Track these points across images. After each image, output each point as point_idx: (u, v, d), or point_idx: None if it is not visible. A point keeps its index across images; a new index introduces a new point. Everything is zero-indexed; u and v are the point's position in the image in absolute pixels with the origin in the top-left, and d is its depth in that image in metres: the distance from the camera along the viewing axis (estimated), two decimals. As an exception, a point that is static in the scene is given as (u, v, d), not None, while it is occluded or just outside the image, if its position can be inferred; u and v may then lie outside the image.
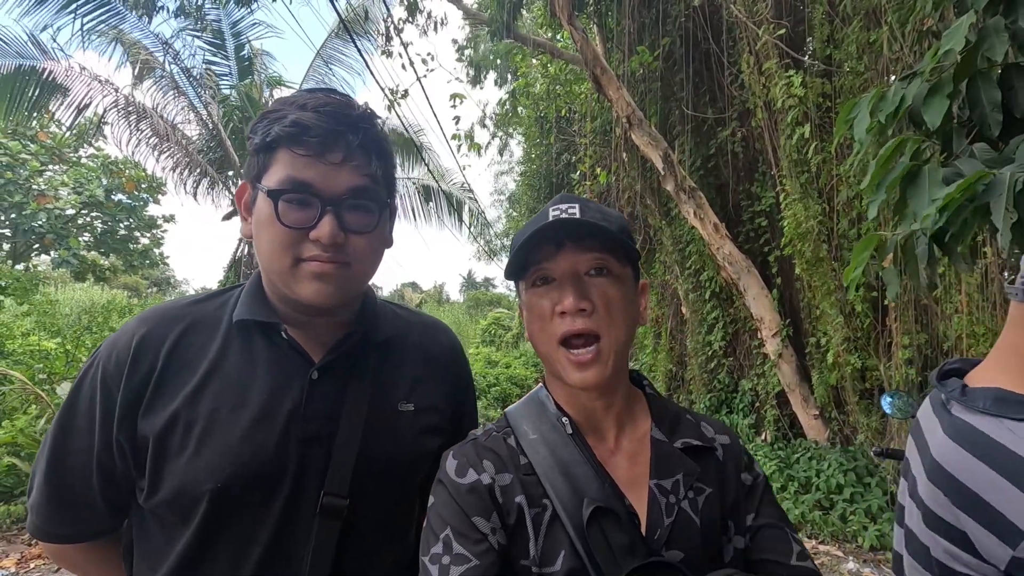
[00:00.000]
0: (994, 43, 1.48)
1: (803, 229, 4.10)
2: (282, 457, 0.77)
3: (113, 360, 0.78)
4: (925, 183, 1.46)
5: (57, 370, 5.09)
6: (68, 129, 9.89)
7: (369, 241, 0.81)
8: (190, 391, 0.77)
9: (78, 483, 0.79)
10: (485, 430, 0.80)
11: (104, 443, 0.77)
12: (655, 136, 5.37)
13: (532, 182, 11.81)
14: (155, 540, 0.79)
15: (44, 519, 0.82)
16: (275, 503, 0.76)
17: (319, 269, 0.76)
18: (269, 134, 0.75)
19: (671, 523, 0.70)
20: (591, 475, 0.71)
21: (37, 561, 3.84)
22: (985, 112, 1.51)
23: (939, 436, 0.64)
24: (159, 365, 0.78)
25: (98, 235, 19.97)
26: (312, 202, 0.75)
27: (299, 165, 0.75)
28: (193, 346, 0.81)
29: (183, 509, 0.75)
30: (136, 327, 0.81)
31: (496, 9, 6.11)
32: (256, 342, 0.82)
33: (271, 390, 0.79)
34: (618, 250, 0.73)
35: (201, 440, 0.75)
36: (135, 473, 0.78)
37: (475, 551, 0.66)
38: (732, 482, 0.77)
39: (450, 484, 0.72)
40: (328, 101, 0.77)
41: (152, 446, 0.75)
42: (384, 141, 0.83)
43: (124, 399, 0.76)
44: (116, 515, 0.83)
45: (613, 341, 0.71)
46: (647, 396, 0.83)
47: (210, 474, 0.74)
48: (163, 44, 8.46)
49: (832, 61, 4.28)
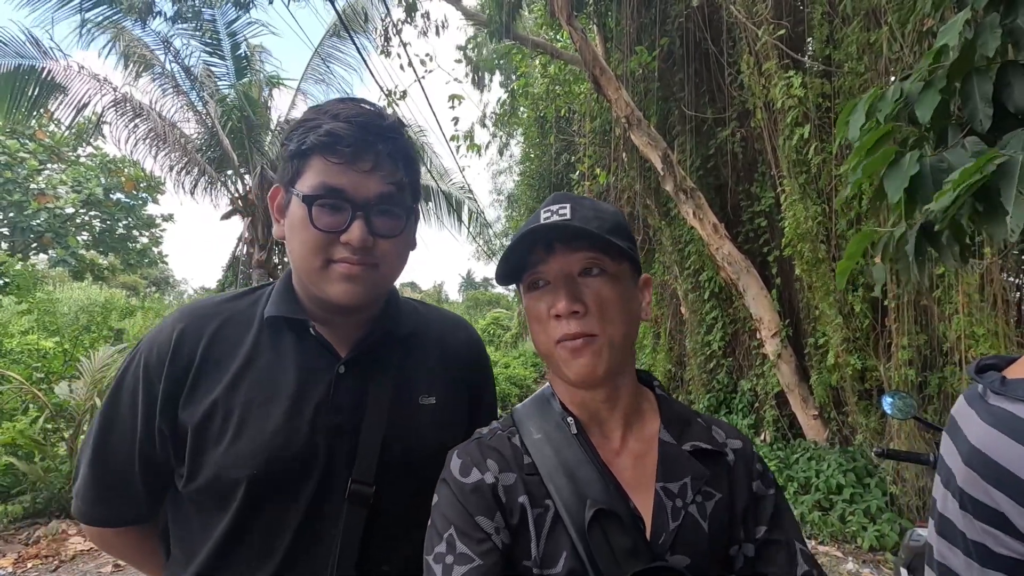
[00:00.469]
0: (987, 39, 1.48)
1: (802, 230, 4.10)
2: (312, 446, 0.81)
3: (155, 353, 0.83)
4: (904, 166, 1.45)
5: (55, 369, 5.08)
6: (67, 128, 9.86)
7: (395, 244, 0.85)
8: (226, 383, 0.82)
9: (121, 470, 0.84)
10: (490, 429, 0.80)
11: (146, 432, 0.82)
12: (654, 136, 5.37)
13: (531, 182, 11.81)
14: (192, 525, 0.83)
15: (88, 504, 0.86)
16: (306, 489, 0.81)
17: (348, 271, 0.81)
18: (304, 142, 0.79)
19: (677, 527, 0.68)
20: (594, 476, 0.70)
21: (34, 560, 3.83)
22: (976, 107, 1.51)
23: (976, 424, 0.65)
24: (197, 358, 0.83)
25: (96, 234, 19.97)
26: (343, 207, 0.80)
27: (332, 172, 0.79)
28: (228, 341, 0.86)
29: (220, 495, 0.79)
30: (175, 322, 0.86)
31: (495, 10, 6.11)
32: (286, 337, 0.87)
33: (300, 383, 0.84)
34: (611, 248, 0.71)
35: (237, 429, 0.80)
36: (175, 461, 0.83)
37: (478, 551, 0.66)
38: (743, 489, 0.75)
39: (454, 483, 0.72)
40: (360, 112, 0.82)
41: (191, 435, 0.80)
42: (410, 150, 0.87)
43: (165, 390, 0.81)
44: (155, 501, 0.88)
45: (609, 338, 0.70)
46: (657, 397, 0.82)
47: (246, 461, 0.78)
48: (163, 42, 8.45)
49: (832, 61, 4.28)
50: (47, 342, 6.01)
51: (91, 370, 4.83)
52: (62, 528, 4.24)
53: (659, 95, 6.24)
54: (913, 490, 3.84)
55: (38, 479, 4.42)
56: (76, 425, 4.63)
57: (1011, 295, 3.72)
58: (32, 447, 4.48)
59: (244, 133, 8.81)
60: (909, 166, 1.38)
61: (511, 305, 32.23)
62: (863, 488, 4.11)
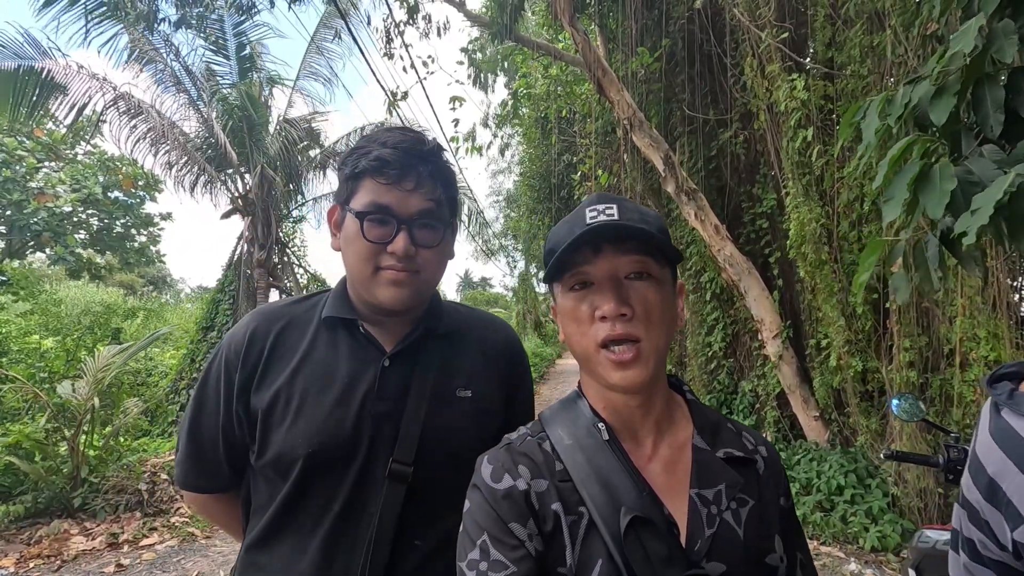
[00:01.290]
0: (1003, 45, 1.48)
1: (805, 232, 4.11)
2: (359, 429, 0.93)
3: (232, 348, 0.98)
4: (936, 179, 1.47)
5: (57, 369, 5.06)
6: (67, 128, 9.83)
7: (435, 253, 0.97)
8: (288, 373, 0.95)
9: (209, 445, 1.00)
10: (520, 434, 0.79)
11: (227, 414, 0.97)
12: (656, 138, 5.38)
13: (532, 182, 11.82)
14: (262, 494, 0.97)
15: (186, 472, 1.03)
16: (353, 467, 0.92)
17: (394, 276, 0.92)
18: (357, 166, 0.92)
19: (712, 534, 0.68)
20: (628, 483, 0.70)
21: (36, 560, 3.83)
22: (988, 113, 1.52)
23: (982, 432, 0.66)
24: (266, 352, 0.97)
25: (94, 232, 19.90)
26: (390, 221, 0.91)
27: (380, 192, 0.91)
28: (291, 338, 0.99)
29: (283, 469, 0.92)
30: (249, 323, 1.01)
31: (497, 11, 6.11)
32: (339, 335, 1.00)
33: (351, 374, 0.96)
34: (657, 252, 0.72)
35: (296, 413, 0.93)
36: (249, 439, 0.97)
37: (512, 557, 0.66)
38: (773, 498, 0.75)
39: (486, 489, 0.72)
40: (404, 139, 0.94)
41: (261, 417, 0.94)
42: (448, 171, 1.00)
43: (240, 379, 0.96)
44: (236, 473, 1.03)
45: (653, 345, 0.70)
46: (688, 402, 0.81)
47: (304, 440, 0.91)
48: (165, 40, 8.43)
49: (833, 64, 4.29)
50: (47, 341, 5.99)
51: (93, 369, 4.82)
52: (64, 528, 4.24)
53: (661, 96, 6.25)
54: (914, 491, 3.86)
55: (40, 479, 4.41)
56: (77, 425, 4.62)
57: (1011, 297, 3.74)
58: (34, 447, 4.47)
59: (245, 132, 8.79)
60: (943, 180, 1.40)
61: (509, 304, 32.24)
62: (864, 489, 4.13)
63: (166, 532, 4.40)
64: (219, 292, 9.15)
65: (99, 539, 4.15)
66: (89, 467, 4.68)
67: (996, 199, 1.16)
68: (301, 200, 10.59)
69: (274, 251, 9.41)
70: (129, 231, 20.95)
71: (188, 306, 15.82)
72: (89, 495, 4.55)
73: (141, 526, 4.40)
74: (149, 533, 4.35)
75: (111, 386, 5.19)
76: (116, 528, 4.33)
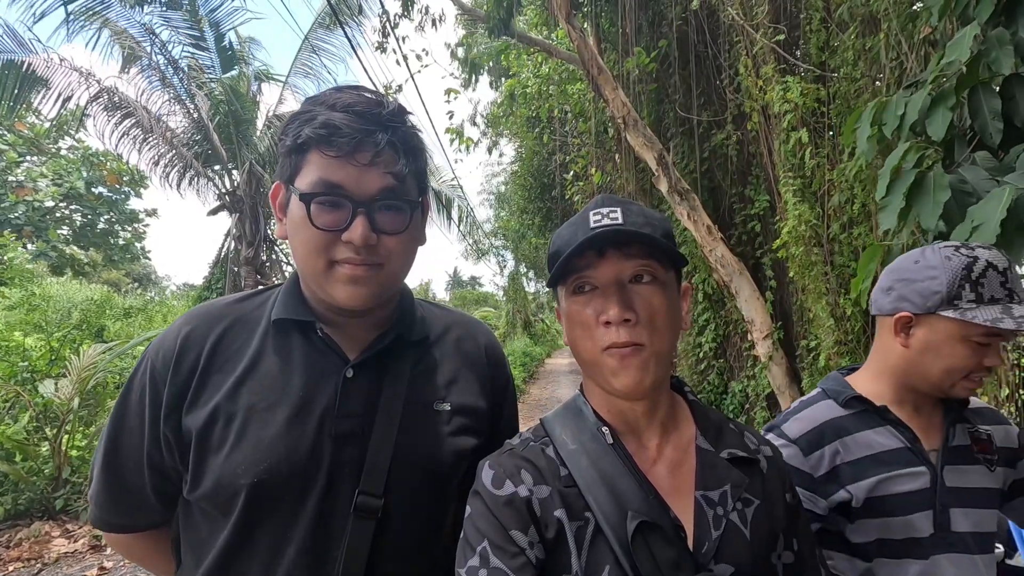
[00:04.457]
0: (999, 56, 1.49)
1: (796, 233, 4.14)
2: (317, 454, 0.77)
3: (160, 357, 0.81)
4: (930, 189, 1.48)
5: (40, 367, 4.95)
6: (49, 122, 9.62)
7: (401, 241, 0.80)
8: (229, 387, 0.79)
9: (131, 476, 0.82)
10: (522, 439, 0.78)
11: (153, 437, 0.80)
12: (650, 137, 5.39)
13: (523, 181, 11.81)
14: (200, 531, 0.80)
15: (102, 510, 0.86)
16: (309, 500, 0.76)
17: (352, 272, 0.77)
18: (300, 136, 0.75)
19: (719, 536, 0.68)
20: (634, 487, 0.69)
21: (16, 564, 3.74)
22: (986, 121, 1.53)
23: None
24: (202, 362, 0.80)
25: (77, 228, 19.56)
26: (343, 204, 0.75)
27: (330, 167, 0.74)
28: (234, 344, 0.82)
29: (223, 502, 0.76)
30: (181, 325, 0.83)
31: (493, 6, 6.07)
32: (293, 340, 0.83)
33: (306, 387, 0.80)
34: (662, 255, 0.71)
35: (239, 435, 0.76)
36: (181, 467, 0.80)
37: (512, 565, 0.65)
38: (778, 497, 0.75)
39: (487, 495, 0.71)
40: (357, 100, 0.77)
41: (195, 440, 0.77)
42: (415, 138, 0.82)
43: (170, 394, 0.79)
44: (166, 507, 0.86)
45: (657, 350, 0.69)
46: (689, 403, 0.81)
47: (247, 468, 0.75)
48: (149, 33, 8.28)
49: (827, 67, 4.32)
50: (29, 340, 5.86)
51: (77, 368, 4.72)
52: (45, 530, 4.15)
53: (654, 96, 6.26)
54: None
55: (20, 480, 4.31)
56: (60, 424, 4.53)
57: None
58: (15, 447, 4.37)
59: (232, 127, 8.67)
60: (936, 190, 1.40)
61: (499, 304, 32.20)
62: (853, 489, 4.17)
63: (151, 534, 4.33)
64: (206, 290, 9.06)
65: (81, 541, 4.07)
66: (72, 468, 4.59)
67: (1000, 217, 1.17)
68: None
69: (262, 248, 9.31)
70: (113, 227, 20.63)
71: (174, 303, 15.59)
72: (71, 496, 4.45)
73: (125, 528, 4.33)
74: (133, 535, 4.28)
75: (96, 386, 5.09)
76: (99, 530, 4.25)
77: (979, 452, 1.03)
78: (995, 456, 1.04)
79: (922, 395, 1.05)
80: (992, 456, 1.03)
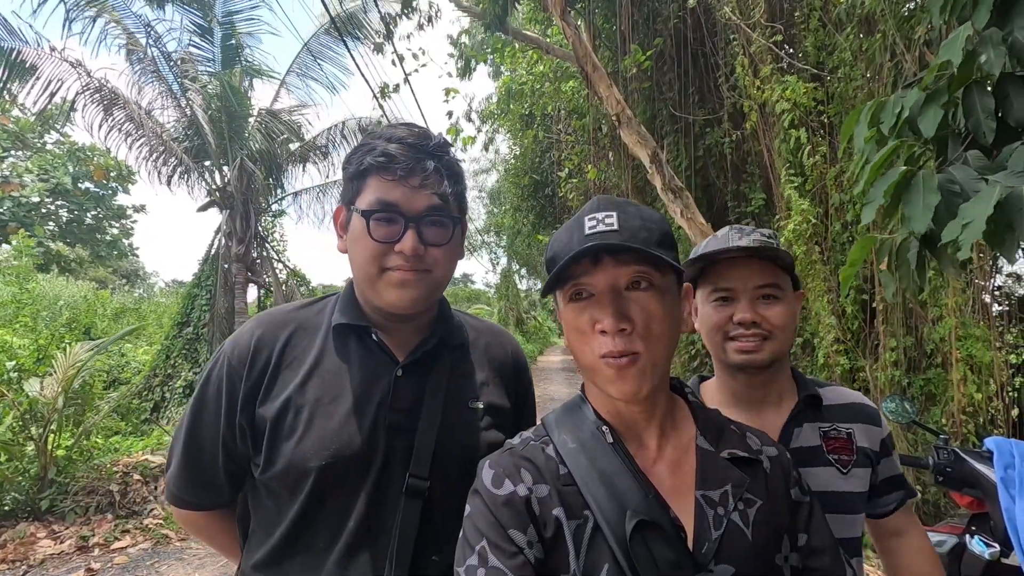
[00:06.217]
0: (991, 57, 1.49)
1: (798, 232, 4.15)
2: (374, 441, 0.90)
3: (236, 356, 0.93)
4: (920, 189, 1.48)
5: (27, 366, 4.87)
6: (35, 114, 9.45)
7: (444, 252, 0.94)
8: (298, 382, 0.92)
9: (207, 459, 0.95)
10: (522, 438, 0.79)
11: (228, 425, 0.92)
12: (644, 134, 5.38)
13: (516, 179, 11.78)
14: (268, 510, 0.93)
15: (179, 489, 0.98)
16: (367, 481, 0.89)
17: (402, 277, 0.90)
18: (363, 164, 0.90)
19: (720, 536, 0.67)
20: (634, 485, 0.69)
21: (0, 565, 3.68)
22: (979, 120, 1.53)
23: None
24: (273, 360, 0.93)
25: (63, 224, 19.29)
26: (397, 219, 0.89)
27: (386, 189, 0.89)
28: (300, 345, 0.96)
29: (292, 482, 0.88)
30: (254, 328, 0.97)
31: (489, 2, 6.03)
32: (350, 343, 0.97)
33: (363, 384, 0.93)
34: (660, 261, 0.69)
35: (308, 424, 0.89)
36: (252, 451, 0.92)
37: (511, 564, 0.65)
38: (782, 496, 0.74)
39: (486, 494, 0.71)
40: (409, 134, 0.92)
41: (268, 428, 0.89)
42: (456, 166, 0.97)
43: (246, 388, 0.91)
44: (234, 489, 0.99)
45: (653, 358, 0.69)
46: (689, 404, 0.81)
47: (316, 452, 0.87)
48: (145, 26, 8.15)
49: (823, 67, 4.34)
50: (17, 339, 5.76)
51: (63, 366, 4.65)
52: (30, 531, 4.08)
53: (649, 94, 6.26)
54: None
55: (4, 480, 4.24)
56: (45, 423, 4.45)
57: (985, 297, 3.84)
58: (7, 448, 4.29)
59: (224, 122, 8.56)
60: (926, 192, 1.40)
61: (491, 301, 32.18)
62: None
63: (139, 534, 4.26)
64: (195, 287, 8.94)
65: (68, 542, 4.00)
66: (58, 467, 4.52)
67: (988, 213, 1.17)
68: (281, 194, 10.38)
69: (253, 245, 9.22)
70: (101, 223, 20.37)
71: (163, 300, 15.42)
72: (57, 497, 4.38)
73: (113, 528, 4.25)
74: (121, 536, 4.21)
75: (83, 384, 5.01)
76: (86, 531, 4.17)
77: (831, 452, 0.99)
78: (853, 456, 1.00)
79: (756, 392, 1.03)
80: (849, 456, 0.99)
